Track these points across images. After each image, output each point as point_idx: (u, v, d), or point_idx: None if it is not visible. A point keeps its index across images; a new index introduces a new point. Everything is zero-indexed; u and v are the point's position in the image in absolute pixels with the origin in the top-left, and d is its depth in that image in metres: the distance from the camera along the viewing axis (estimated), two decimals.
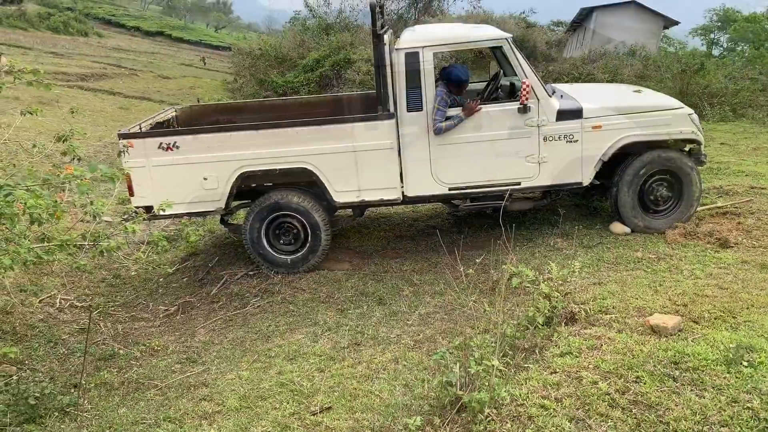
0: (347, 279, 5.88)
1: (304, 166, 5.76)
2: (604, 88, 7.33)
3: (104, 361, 4.95)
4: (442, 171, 5.83)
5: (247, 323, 5.35)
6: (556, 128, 5.74)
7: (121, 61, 24.30)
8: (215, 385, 4.36)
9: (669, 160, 5.85)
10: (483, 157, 5.78)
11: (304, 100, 7.50)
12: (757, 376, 3.19)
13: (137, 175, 5.73)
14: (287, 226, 6.07)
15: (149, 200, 5.70)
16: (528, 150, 5.77)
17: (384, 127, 5.72)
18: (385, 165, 5.79)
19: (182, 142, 5.71)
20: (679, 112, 5.91)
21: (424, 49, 5.62)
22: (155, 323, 5.67)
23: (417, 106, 5.68)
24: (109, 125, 12.47)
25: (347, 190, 5.86)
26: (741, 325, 3.83)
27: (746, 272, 4.75)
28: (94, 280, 6.41)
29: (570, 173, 5.86)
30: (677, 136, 5.83)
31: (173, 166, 5.73)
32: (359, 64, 14.19)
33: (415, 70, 5.63)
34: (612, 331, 3.90)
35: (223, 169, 5.75)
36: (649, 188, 5.96)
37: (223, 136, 5.73)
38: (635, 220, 5.94)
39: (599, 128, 5.74)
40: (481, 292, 5.22)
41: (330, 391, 4.06)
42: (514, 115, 5.70)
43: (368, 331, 4.91)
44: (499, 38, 5.79)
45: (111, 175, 3.58)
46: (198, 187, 5.79)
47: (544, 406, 3.17)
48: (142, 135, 5.77)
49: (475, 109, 5.68)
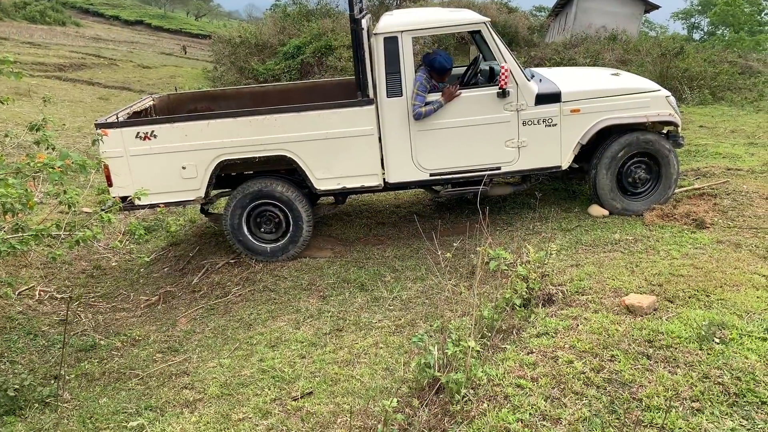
0: (329, 266, 5.88)
1: (284, 153, 5.74)
2: (583, 72, 7.34)
3: (85, 352, 4.94)
4: (423, 157, 5.83)
5: (228, 312, 5.35)
6: (535, 112, 5.75)
7: (100, 50, 24.00)
8: (196, 374, 4.37)
9: (647, 143, 5.89)
10: (463, 142, 5.79)
11: (283, 87, 7.43)
12: (728, 353, 3.25)
13: (115, 164, 5.67)
14: (268, 215, 6.05)
15: (128, 190, 5.64)
16: (507, 134, 5.79)
17: (364, 113, 5.70)
18: (366, 151, 5.78)
19: (160, 131, 5.66)
20: (656, 95, 5.95)
21: (403, 33, 5.59)
22: (136, 313, 5.66)
23: (397, 91, 5.66)
24: (88, 116, 12.33)
25: (328, 177, 5.84)
26: (714, 303, 3.89)
27: (721, 252, 4.82)
28: (73, 271, 6.37)
29: (549, 157, 5.88)
30: (655, 118, 5.86)
31: (151, 155, 5.68)
32: (341, 50, 14.13)
33: (394, 55, 5.60)
34: (588, 312, 3.95)
35: (201, 158, 5.71)
36: (627, 171, 6.01)
37: (201, 124, 5.68)
38: (613, 202, 6.00)
39: (577, 112, 5.77)
40: (461, 276, 5.26)
41: (311, 376, 4.09)
42: (493, 100, 5.71)
43: (350, 317, 4.93)
44: (477, 22, 5.78)
45: (82, 163, 3.53)
46: (177, 176, 5.74)
47: (520, 385, 3.21)
48: (119, 124, 5.71)
49: (454, 93, 5.68)
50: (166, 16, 45.40)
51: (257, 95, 7.13)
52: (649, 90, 6.01)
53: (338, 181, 5.87)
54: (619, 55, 15.11)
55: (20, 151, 7.58)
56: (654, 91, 5.99)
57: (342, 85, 7.19)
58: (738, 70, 14.02)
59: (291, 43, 14.89)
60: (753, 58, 16.37)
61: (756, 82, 13.30)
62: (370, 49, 5.69)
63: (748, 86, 13.00)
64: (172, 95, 7.27)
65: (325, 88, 7.16)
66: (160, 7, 50.59)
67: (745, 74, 14.10)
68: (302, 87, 7.38)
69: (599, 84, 6.12)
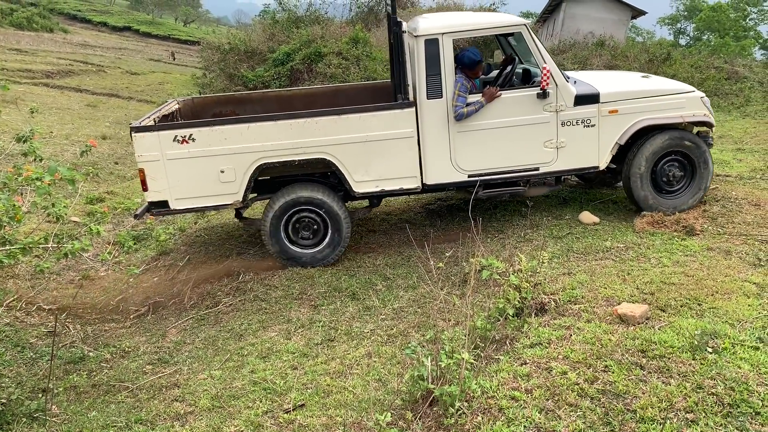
0: (320, 275, 5.85)
1: (324, 156, 5.71)
2: (614, 75, 7.41)
3: (73, 365, 4.87)
4: (462, 158, 5.84)
5: (219, 322, 5.30)
6: (574, 113, 5.81)
7: (88, 57, 23.87)
8: (187, 386, 4.32)
9: (683, 141, 5.94)
10: (502, 143, 5.82)
11: (308, 90, 7.40)
12: (721, 362, 3.26)
13: (151, 169, 5.59)
14: (307, 221, 6.01)
15: (164, 195, 5.62)
16: (546, 135, 5.83)
17: (404, 116, 5.71)
18: (405, 153, 5.78)
19: (198, 135, 5.58)
20: (691, 96, 6.02)
21: (444, 35, 5.62)
22: (126, 324, 5.59)
23: (437, 93, 5.68)
24: (76, 123, 12.25)
25: (366, 179, 5.83)
26: (706, 311, 3.90)
27: (711, 259, 4.84)
28: (62, 281, 6.30)
29: (587, 157, 5.94)
30: (690, 118, 5.94)
31: (189, 158, 5.61)
32: (330, 57, 14.10)
33: (434, 57, 5.63)
34: (581, 321, 3.95)
35: (240, 161, 5.66)
36: (662, 169, 6.04)
37: (241, 128, 5.62)
38: (649, 200, 6.01)
39: (615, 112, 5.84)
40: (453, 285, 5.25)
41: (303, 388, 4.05)
42: (532, 101, 5.75)
43: (342, 327, 4.90)
44: (518, 24, 5.82)
45: (70, 177, 3.49)
46: (215, 180, 5.68)
47: (514, 397, 3.20)
48: (157, 128, 5.63)
49: (495, 94, 5.71)
50: (155, 23, 45.27)
51: (283, 99, 7.12)
52: (684, 91, 6.08)
53: (377, 184, 5.86)
54: (606, 61, 15.19)
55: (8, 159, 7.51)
56: (689, 92, 6.06)
57: (368, 88, 7.24)
58: (724, 76, 14.14)
59: (280, 50, 14.84)
60: (739, 64, 16.52)
61: (742, 88, 13.42)
62: (406, 51, 5.70)
63: (734, 92, 13.12)
64: (196, 99, 7.21)
65: (350, 92, 7.19)
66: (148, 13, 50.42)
67: (732, 80, 14.22)
68: (328, 91, 7.38)
69: (636, 85, 6.20)
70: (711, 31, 40.87)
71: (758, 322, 3.70)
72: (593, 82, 6.08)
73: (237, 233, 7.17)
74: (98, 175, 9.24)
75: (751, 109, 12.09)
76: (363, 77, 13.30)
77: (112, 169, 9.70)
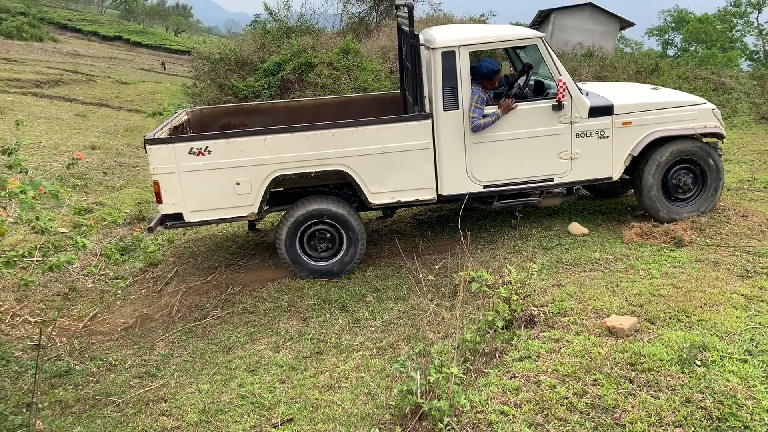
0: (309, 287, 5.82)
1: (340, 168, 5.71)
2: (625, 87, 7.47)
3: (59, 378, 4.81)
4: (478, 169, 5.86)
5: (207, 335, 5.26)
6: (588, 125, 5.86)
7: (78, 66, 23.79)
8: (174, 400, 4.28)
9: (693, 149, 5.99)
10: (517, 154, 5.86)
11: (318, 101, 7.41)
12: (710, 375, 3.25)
13: (166, 181, 5.57)
14: (321, 233, 6.01)
15: (179, 207, 5.60)
16: (561, 146, 5.88)
17: (420, 127, 5.73)
18: (421, 165, 5.79)
19: (215, 147, 5.56)
20: (703, 107, 6.09)
21: (461, 48, 5.65)
22: (113, 337, 5.54)
23: (453, 104, 5.71)
24: (65, 133, 12.18)
25: (383, 191, 5.84)
26: (695, 324, 3.90)
27: (700, 271, 4.85)
28: (48, 293, 6.22)
29: (601, 168, 5.99)
30: (702, 130, 6.00)
31: (205, 171, 5.59)
32: (321, 67, 14.12)
33: (451, 69, 5.65)
34: (570, 334, 3.94)
35: (257, 173, 5.65)
36: (673, 177, 6.09)
37: (257, 140, 5.61)
38: (658, 206, 6.05)
39: (629, 124, 5.90)
40: (443, 296, 5.24)
41: (291, 402, 4.02)
42: (548, 113, 5.80)
43: (331, 340, 4.87)
44: (534, 37, 5.87)
45: (54, 192, 3.46)
46: (230, 192, 5.66)
47: (503, 412, 3.18)
48: (172, 140, 5.62)
49: (511, 106, 5.74)
50: (145, 32, 45.22)
51: (292, 110, 7.13)
52: (695, 103, 6.14)
53: (392, 195, 5.87)
54: (595, 72, 15.30)
55: None
56: (700, 104, 6.13)
57: (377, 99, 7.28)
58: (712, 87, 14.28)
59: (271, 60, 14.84)
60: (726, 75, 16.68)
61: (729, 99, 13.54)
62: (427, 63, 5.72)
63: (721, 102, 13.22)
64: (204, 109, 7.19)
65: (359, 103, 7.21)
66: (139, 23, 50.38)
67: (719, 91, 14.36)
68: (337, 102, 7.40)
69: (648, 97, 6.25)
70: (698, 42, 41.32)
71: (746, 334, 3.70)
72: (606, 94, 6.14)
73: (226, 245, 7.14)
74: (87, 185, 9.17)
75: (737, 120, 12.19)
76: (354, 87, 13.33)
77: (101, 180, 9.64)
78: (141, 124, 14.08)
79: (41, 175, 8.34)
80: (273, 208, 6.22)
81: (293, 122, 6.52)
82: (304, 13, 19.59)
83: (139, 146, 11.88)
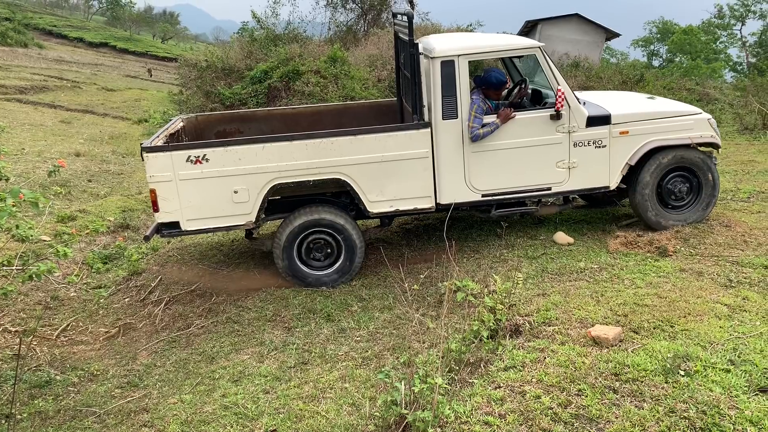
0: (295, 296, 5.79)
1: (339, 176, 5.70)
2: (621, 96, 7.52)
3: (39, 389, 4.74)
4: (476, 178, 5.88)
5: (190, 344, 5.21)
6: (586, 134, 5.88)
7: (63, 73, 23.61)
8: (156, 410, 4.23)
9: (688, 157, 6.03)
10: (515, 163, 5.88)
11: (314, 109, 7.41)
12: (693, 385, 3.26)
13: (163, 189, 5.52)
14: (319, 242, 6.00)
15: (175, 216, 5.56)
16: (558, 156, 5.90)
17: (420, 136, 5.73)
18: (420, 173, 5.79)
19: (212, 155, 5.53)
20: (699, 117, 6.14)
21: (460, 57, 5.67)
22: (95, 346, 5.47)
23: (452, 114, 5.72)
24: (50, 140, 12.06)
25: (381, 200, 5.83)
26: (678, 333, 3.91)
27: (684, 281, 4.88)
28: (29, 302, 6.14)
29: (598, 177, 6.02)
30: (698, 140, 6.04)
31: (202, 179, 5.55)
32: (308, 75, 14.11)
33: (451, 78, 5.67)
34: (555, 344, 3.94)
35: (255, 182, 5.62)
36: (668, 184, 6.12)
37: (256, 148, 5.58)
38: (654, 216, 6.08)
39: (626, 133, 5.94)
40: (429, 306, 5.22)
41: (275, 413, 3.98)
42: (546, 122, 5.82)
43: (316, 350, 4.84)
44: (533, 46, 5.90)
45: (34, 200, 3.41)
46: (227, 200, 5.63)
47: (488, 422, 3.17)
48: (170, 148, 5.57)
49: (510, 115, 5.76)
50: (132, 39, 45.00)
51: (288, 117, 7.10)
52: (691, 113, 6.19)
53: (391, 204, 5.86)
54: (581, 82, 15.42)
55: None
56: (696, 114, 6.17)
57: (374, 107, 7.27)
58: (696, 97, 14.42)
59: (258, 68, 14.80)
60: (710, 85, 16.88)
61: (713, 109, 13.66)
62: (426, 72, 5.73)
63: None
64: (200, 116, 7.13)
65: (356, 111, 7.20)
66: (125, 29, 50.14)
67: (703, 101, 14.51)
68: (333, 109, 7.39)
69: (645, 107, 6.29)
70: (683, 53, 41.82)
71: (729, 344, 3.72)
72: (603, 104, 6.17)
73: (210, 253, 7.09)
74: (71, 193, 9.08)
75: (721, 131, 12.20)
76: (341, 96, 13.32)
77: (85, 187, 9.54)
78: (126, 131, 13.98)
79: (24, 182, 8.25)
80: (270, 217, 6.18)
81: (289, 130, 6.50)
82: (291, 21, 19.63)
83: (124, 153, 11.79)
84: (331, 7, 22.48)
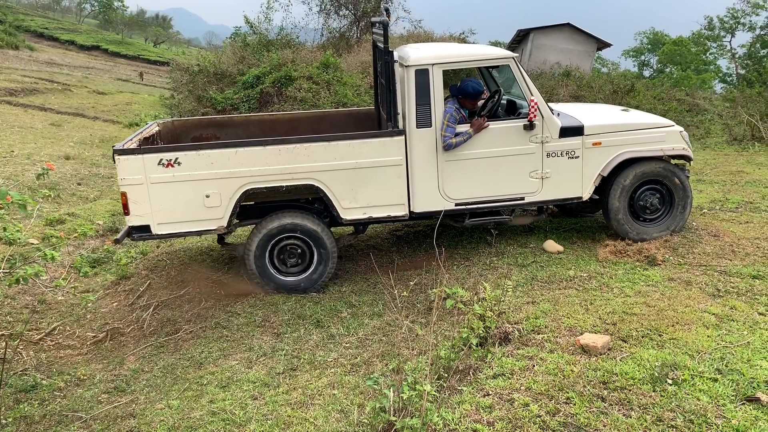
0: (284, 302, 5.77)
1: (312, 182, 5.68)
2: (595, 108, 7.56)
3: (25, 393, 4.69)
4: (450, 186, 5.88)
5: (178, 350, 5.18)
6: (559, 145, 5.90)
7: (54, 75, 23.52)
8: (143, 416, 4.19)
9: (659, 170, 6.07)
10: (489, 172, 5.89)
11: (292, 115, 7.39)
12: (681, 394, 3.28)
13: (134, 192, 5.48)
14: (291, 248, 5.97)
15: (146, 219, 5.51)
16: (532, 166, 5.92)
17: (394, 144, 5.72)
18: (394, 181, 5.78)
19: (185, 158, 5.50)
20: (671, 130, 6.19)
21: (434, 66, 5.68)
22: (82, 351, 5.43)
23: (426, 122, 5.72)
24: (39, 143, 12.00)
25: (354, 206, 5.81)
26: (666, 342, 3.93)
27: (672, 290, 4.91)
28: (16, 306, 6.09)
29: (571, 188, 6.04)
30: (670, 152, 6.08)
31: (174, 183, 5.52)
32: (300, 81, 14.12)
33: (425, 86, 5.68)
34: (544, 351, 3.95)
35: (227, 186, 5.59)
36: (640, 198, 6.15)
37: (229, 152, 5.55)
38: (626, 228, 6.10)
39: (599, 145, 5.96)
40: (418, 313, 5.22)
41: (263, 419, 3.96)
42: (519, 132, 5.84)
43: (305, 356, 4.82)
44: (506, 57, 5.93)
45: (22, 202, 3.39)
46: (199, 205, 5.60)
47: (476, 430, 3.17)
48: (141, 151, 5.52)
49: (483, 125, 5.77)
50: (124, 42, 44.91)
51: (265, 123, 7.07)
52: (664, 125, 6.24)
53: (364, 211, 5.84)
54: (572, 91, 15.50)
55: None
56: (669, 126, 6.22)
57: (352, 115, 7.25)
58: (686, 108, 14.54)
59: (250, 73, 14.80)
60: (700, 96, 17.02)
61: (703, 120, 13.80)
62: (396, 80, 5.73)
63: (695, 123, 13.47)
64: (176, 121, 7.10)
65: (333, 118, 7.18)
66: (118, 32, 50.01)
67: (693, 111, 14.63)
68: (311, 116, 7.37)
69: (618, 119, 6.33)
70: (673, 64, 42.19)
71: (717, 353, 3.74)
72: (577, 115, 6.20)
73: (200, 258, 7.06)
74: (60, 196, 9.03)
75: (711, 141, 12.41)
76: (333, 102, 13.34)
77: (74, 190, 9.49)
78: (117, 134, 13.92)
79: (12, 184, 8.19)
80: (243, 222, 6.16)
81: (266, 136, 6.48)
82: (284, 26, 19.64)
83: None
84: (324, 14, 22.56)
